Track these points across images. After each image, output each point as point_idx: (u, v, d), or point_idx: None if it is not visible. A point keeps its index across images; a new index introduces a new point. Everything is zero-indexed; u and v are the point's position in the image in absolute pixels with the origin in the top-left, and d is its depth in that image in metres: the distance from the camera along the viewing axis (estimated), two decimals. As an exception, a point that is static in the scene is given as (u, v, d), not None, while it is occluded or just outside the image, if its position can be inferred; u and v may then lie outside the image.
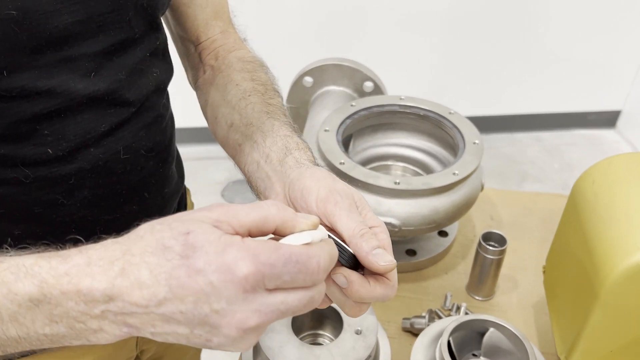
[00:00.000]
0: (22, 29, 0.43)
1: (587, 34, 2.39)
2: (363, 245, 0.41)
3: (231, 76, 0.63)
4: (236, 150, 0.58)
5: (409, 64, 2.39)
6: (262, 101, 0.59)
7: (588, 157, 2.50)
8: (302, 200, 0.45)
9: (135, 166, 0.57)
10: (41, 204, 0.51)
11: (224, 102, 0.61)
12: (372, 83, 0.99)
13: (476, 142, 0.79)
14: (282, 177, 0.50)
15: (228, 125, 0.59)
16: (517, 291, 0.82)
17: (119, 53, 0.52)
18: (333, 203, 0.43)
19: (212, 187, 2.33)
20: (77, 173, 0.52)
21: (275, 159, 0.52)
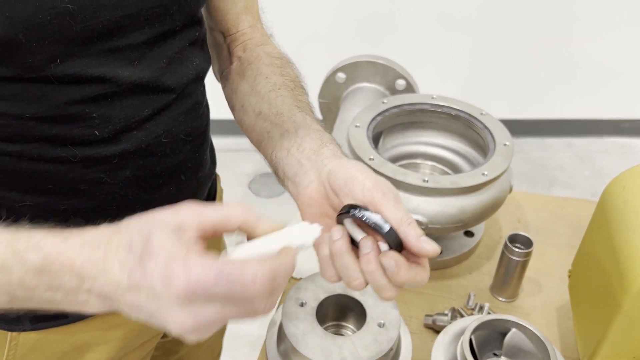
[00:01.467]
0: (76, 22, 0.46)
1: (623, 41, 2.34)
2: (411, 232, 0.44)
3: (260, 69, 0.65)
4: (263, 137, 0.60)
5: (442, 63, 2.38)
6: (292, 95, 0.62)
7: (620, 165, 2.45)
8: (347, 187, 0.48)
9: (174, 150, 0.60)
10: (86, 181, 0.54)
11: (252, 92, 0.64)
12: (405, 81, 1.00)
13: (507, 143, 0.80)
14: (318, 165, 0.52)
15: (256, 113, 0.62)
16: (541, 295, 0.82)
17: (160, 43, 0.55)
18: (380, 192, 0.46)
19: (240, 178, 2.36)
20: (121, 154, 0.55)
21: (308, 148, 0.54)
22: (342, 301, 0.69)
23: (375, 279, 0.45)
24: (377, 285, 0.45)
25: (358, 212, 0.45)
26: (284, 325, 0.65)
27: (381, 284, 0.45)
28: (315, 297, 0.68)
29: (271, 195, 2.28)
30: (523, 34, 2.32)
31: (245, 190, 2.30)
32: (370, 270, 0.44)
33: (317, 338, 0.63)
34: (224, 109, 0.73)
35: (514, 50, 2.37)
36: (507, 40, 2.34)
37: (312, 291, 0.69)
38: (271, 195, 2.28)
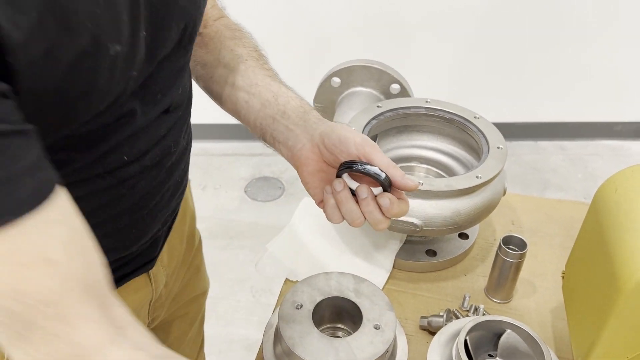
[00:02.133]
0: (135, 82, 0.51)
1: (615, 45, 2.36)
2: (397, 173, 0.56)
3: (223, 42, 0.72)
4: (242, 106, 0.68)
5: (436, 67, 2.39)
6: (260, 65, 0.70)
7: (612, 167, 2.47)
8: (341, 145, 0.58)
9: (177, 156, 0.63)
10: (108, 195, 0.56)
11: (220, 64, 0.70)
12: (399, 85, 1.00)
13: (500, 146, 0.80)
14: (308, 129, 0.62)
15: (229, 84, 0.69)
16: (536, 296, 0.82)
17: (181, 75, 0.59)
18: (370, 146, 0.57)
19: (236, 182, 2.36)
20: (141, 171, 0.57)
21: (293, 115, 0.64)
22: (338, 303, 0.70)
23: (373, 216, 0.57)
24: (374, 219, 0.57)
25: (360, 166, 0.56)
26: (280, 327, 0.65)
27: (377, 218, 0.57)
28: (311, 300, 0.68)
29: (267, 199, 2.29)
30: (516, 38, 2.34)
31: (242, 194, 2.30)
32: (369, 210, 0.57)
33: (314, 340, 0.64)
34: (221, 114, 0.74)
35: (508, 55, 2.39)
36: (501, 45, 2.36)
37: (309, 294, 0.69)
38: (267, 199, 2.28)
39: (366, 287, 0.70)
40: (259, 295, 1.87)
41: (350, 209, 0.57)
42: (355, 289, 0.70)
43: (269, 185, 2.36)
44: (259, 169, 2.44)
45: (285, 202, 2.26)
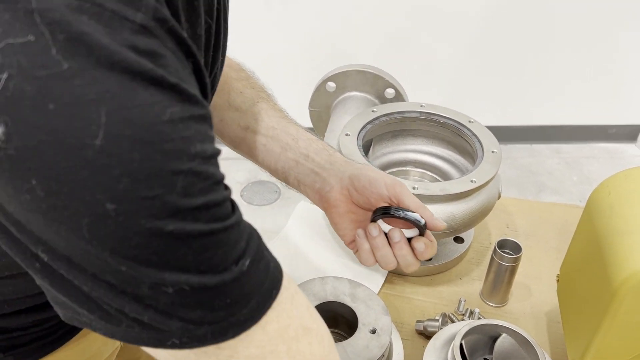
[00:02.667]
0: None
1: (609, 48, 2.38)
2: (428, 213, 0.58)
3: (231, 84, 0.71)
4: (259, 150, 0.67)
5: (431, 72, 2.40)
6: (272, 107, 0.70)
7: (607, 170, 2.48)
8: (372, 187, 0.59)
9: None
10: None
11: (230, 107, 0.69)
12: (394, 90, 1.01)
13: (494, 150, 0.81)
14: (336, 172, 0.62)
15: (243, 127, 0.68)
16: (531, 299, 0.83)
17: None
18: (399, 186, 0.59)
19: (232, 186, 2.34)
20: None
21: (318, 158, 0.64)
22: (334, 308, 0.70)
23: (406, 260, 0.59)
24: (406, 263, 0.59)
25: (401, 212, 0.58)
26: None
27: (410, 261, 0.59)
28: (307, 305, 0.68)
29: (263, 202, 2.29)
30: (512, 42, 2.35)
31: (238, 198, 2.30)
32: (402, 254, 0.59)
33: (310, 345, 0.64)
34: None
35: (503, 59, 2.40)
36: (496, 49, 2.37)
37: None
38: (263, 203, 2.28)
39: (362, 291, 0.70)
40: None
41: (385, 254, 0.59)
42: (351, 294, 0.70)
43: (265, 189, 2.36)
44: (254, 173, 2.44)
45: (281, 206, 2.26)
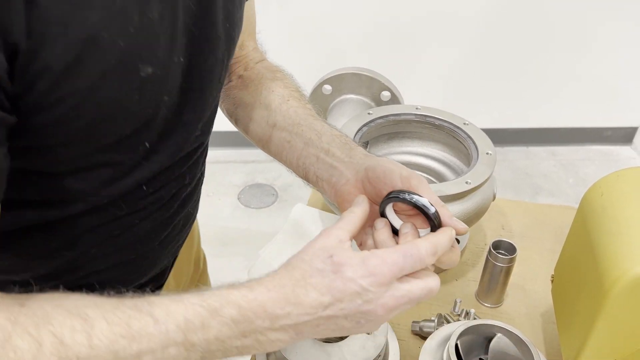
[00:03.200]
0: (167, 108, 0.50)
1: (605, 50, 2.39)
2: (445, 212, 0.52)
3: (264, 83, 0.70)
4: (284, 147, 0.66)
5: (426, 75, 2.41)
6: (301, 105, 0.68)
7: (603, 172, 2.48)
8: (386, 178, 0.54)
9: (192, 187, 0.63)
10: (121, 227, 0.56)
11: (260, 105, 0.68)
12: (389, 92, 1.01)
13: (489, 152, 0.81)
14: (354, 165, 0.59)
15: (270, 125, 0.67)
16: (526, 300, 0.83)
17: (214, 109, 0.60)
18: (416, 179, 0.53)
19: (229, 189, 2.36)
20: (156, 202, 0.57)
21: (338, 152, 0.61)
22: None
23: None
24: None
25: (407, 195, 0.50)
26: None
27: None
28: (303, 306, 0.69)
29: (260, 206, 2.29)
30: (507, 45, 2.36)
31: (235, 202, 2.30)
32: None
33: (306, 346, 0.64)
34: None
35: (499, 61, 2.41)
36: (492, 52, 2.38)
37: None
38: (260, 206, 2.29)
39: (358, 292, 0.71)
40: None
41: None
42: (347, 295, 0.71)
43: (262, 192, 2.37)
44: (252, 176, 2.44)
45: (279, 209, 2.26)
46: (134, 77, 0.44)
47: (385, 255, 0.45)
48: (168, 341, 0.42)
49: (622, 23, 2.33)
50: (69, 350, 0.39)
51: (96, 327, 0.40)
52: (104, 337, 0.40)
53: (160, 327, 0.41)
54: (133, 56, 0.43)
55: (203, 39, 0.51)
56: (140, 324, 0.41)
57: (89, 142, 0.46)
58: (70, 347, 0.39)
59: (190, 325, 0.42)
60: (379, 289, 0.44)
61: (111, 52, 0.41)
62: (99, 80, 0.41)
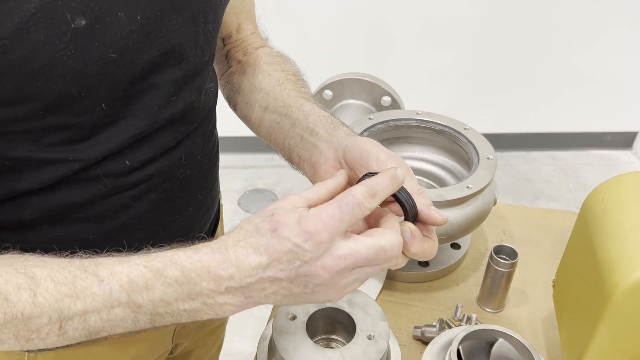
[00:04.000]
0: (119, 68, 0.48)
1: (604, 55, 2.40)
2: (422, 201, 0.49)
3: (261, 67, 0.69)
4: (273, 128, 0.65)
5: (427, 79, 2.42)
6: (296, 88, 0.67)
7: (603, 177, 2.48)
8: (362, 160, 0.52)
9: (193, 171, 0.61)
10: (114, 208, 0.56)
11: (256, 89, 0.68)
12: (390, 98, 1.02)
13: (490, 157, 0.82)
14: (334, 145, 0.57)
15: (263, 108, 0.66)
16: (527, 305, 0.83)
17: (194, 77, 0.57)
18: (394, 164, 0.50)
19: (230, 195, 2.36)
20: (147, 180, 0.56)
21: (322, 132, 0.59)
22: (331, 314, 0.70)
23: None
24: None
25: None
26: (274, 339, 0.66)
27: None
28: (305, 311, 0.69)
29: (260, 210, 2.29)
30: (507, 50, 2.37)
31: (235, 207, 2.30)
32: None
33: (308, 351, 0.64)
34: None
35: (499, 66, 2.42)
36: (492, 56, 2.39)
37: (302, 305, 0.70)
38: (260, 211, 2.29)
39: (359, 297, 0.71)
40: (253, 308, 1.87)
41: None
42: (349, 300, 0.70)
43: (262, 197, 2.37)
44: (252, 181, 2.44)
45: (279, 215, 2.26)
46: (64, 28, 0.43)
47: (320, 210, 0.42)
48: (112, 301, 0.42)
49: (622, 28, 2.33)
50: (14, 307, 0.41)
51: (41, 285, 0.41)
52: (48, 296, 0.41)
53: (104, 287, 0.42)
54: (58, 5, 0.42)
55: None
56: (85, 283, 0.42)
57: (30, 100, 0.45)
58: (15, 304, 0.41)
59: (134, 285, 0.42)
60: (316, 247, 0.42)
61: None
62: (21, 30, 0.41)
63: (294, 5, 2.21)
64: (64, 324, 0.42)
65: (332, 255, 0.42)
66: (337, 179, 0.49)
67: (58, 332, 0.43)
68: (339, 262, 0.42)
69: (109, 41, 0.46)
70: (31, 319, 0.41)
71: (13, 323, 0.41)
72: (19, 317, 0.41)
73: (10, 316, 0.41)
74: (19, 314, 0.41)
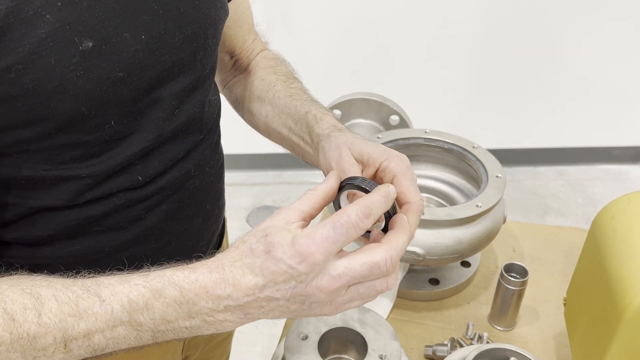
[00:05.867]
0: (125, 85, 0.50)
1: (612, 70, 2.40)
2: (413, 210, 0.51)
3: (257, 73, 0.73)
4: (279, 137, 0.70)
5: (434, 98, 2.43)
6: (285, 87, 0.70)
7: (611, 191, 2.49)
8: (326, 164, 0.57)
9: (202, 181, 0.63)
10: (127, 219, 0.57)
11: (254, 96, 0.72)
12: (398, 117, 1.03)
13: (499, 175, 0.82)
14: (316, 146, 0.61)
15: (264, 116, 0.70)
16: (539, 323, 0.83)
17: (195, 89, 0.59)
18: (382, 158, 0.55)
19: (238, 212, 2.37)
20: (159, 192, 0.58)
21: (308, 139, 0.64)
22: (343, 334, 0.70)
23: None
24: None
25: (360, 181, 0.50)
26: (286, 359, 0.66)
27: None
28: (316, 331, 0.69)
29: (268, 228, 2.29)
30: (513, 66, 2.38)
31: (243, 224, 2.31)
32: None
33: (320, 370, 0.64)
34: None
35: (503, 83, 2.43)
36: (496, 74, 2.40)
37: (314, 324, 0.70)
38: (268, 229, 2.29)
39: (371, 317, 0.71)
40: (262, 325, 1.87)
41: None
42: (360, 319, 0.71)
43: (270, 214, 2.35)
44: (260, 198, 2.45)
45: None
46: (73, 51, 0.45)
47: (313, 231, 0.43)
48: (114, 321, 0.43)
49: (629, 42, 2.34)
50: (20, 327, 0.42)
51: (46, 305, 0.43)
52: (52, 316, 0.42)
53: (106, 307, 0.43)
54: (66, 29, 0.44)
55: (168, 16, 0.52)
56: (87, 303, 0.43)
57: (44, 120, 0.46)
58: (21, 324, 0.42)
59: (134, 305, 0.43)
60: (311, 269, 0.42)
61: (38, 25, 0.42)
62: (32, 54, 0.43)
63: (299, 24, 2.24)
64: (69, 343, 0.43)
65: (326, 276, 0.43)
66: (327, 182, 0.49)
67: (64, 350, 0.43)
68: (334, 282, 0.43)
69: (115, 61, 0.48)
70: (37, 339, 0.42)
71: (19, 342, 0.42)
72: (24, 337, 0.42)
73: (17, 336, 0.42)
74: (24, 334, 0.42)
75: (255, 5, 0.77)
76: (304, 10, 2.21)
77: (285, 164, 2.55)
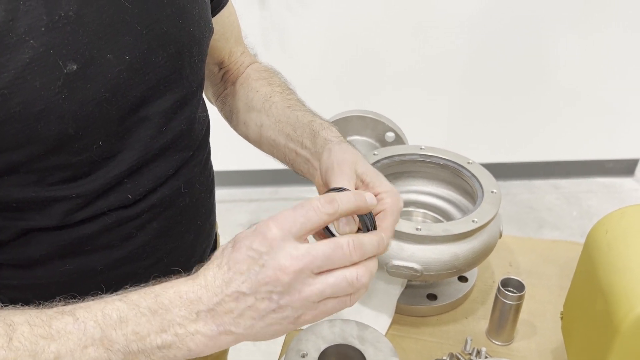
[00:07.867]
0: (111, 105, 0.51)
1: (605, 82, 2.43)
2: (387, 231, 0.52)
3: (251, 85, 0.73)
4: (272, 146, 0.69)
5: (428, 115, 2.45)
6: (283, 99, 0.70)
7: (606, 204, 2.50)
8: (326, 175, 0.57)
9: (192, 198, 0.64)
10: (119, 238, 0.58)
11: (249, 108, 0.72)
12: (394, 133, 1.04)
13: (494, 191, 0.83)
14: (318, 156, 0.61)
15: (258, 126, 0.70)
16: (536, 337, 0.83)
17: (182, 106, 0.59)
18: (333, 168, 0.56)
19: (234, 229, 2.37)
20: (149, 210, 0.59)
21: (309, 144, 0.64)
22: (342, 351, 0.71)
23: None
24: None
25: (340, 189, 0.51)
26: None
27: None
28: (316, 348, 0.69)
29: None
30: (507, 80, 2.41)
31: (239, 241, 2.31)
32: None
33: (320, 388, 0.64)
34: (216, 162, 0.77)
35: (497, 98, 2.45)
36: (490, 89, 2.43)
37: (313, 342, 0.70)
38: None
39: (369, 333, 0.71)
40: (260, 342, 1.86)
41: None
42: (359, 336, 0.71)
43: (267, 231, 2.37)
44: (256, 215, 2.45)
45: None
46: (57, 74, 0.45)
47: (275, 214, 0.44)
48: (86, 339, 0.42)
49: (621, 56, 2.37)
50: None
51: (18, 330, 0.42)
52: (24, 339, 0.42)
53: (79, 324, 0.43)
54: (50, 54, 0.45)
55: (151, 36, 0.53)
56: (61, 323, 0.43)
57: (32, 143, 0.47)
58: None
59: (107, 319, 0.43)
60: (269, 245, 0.42)
61: (23, 50, 0.43)
62: (18, 79, 0.43)
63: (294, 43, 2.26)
64: None
65: (287, 255, 0.42)
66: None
67: None
68: (296, 261, 0.42)
69: (100, 82, 0.49)
70: None
71: None
72: None
73: None
74: None
75: (250, 22, 0.79)
76: (299, 28, 2.23)
77: (282, 180, 2.56)
